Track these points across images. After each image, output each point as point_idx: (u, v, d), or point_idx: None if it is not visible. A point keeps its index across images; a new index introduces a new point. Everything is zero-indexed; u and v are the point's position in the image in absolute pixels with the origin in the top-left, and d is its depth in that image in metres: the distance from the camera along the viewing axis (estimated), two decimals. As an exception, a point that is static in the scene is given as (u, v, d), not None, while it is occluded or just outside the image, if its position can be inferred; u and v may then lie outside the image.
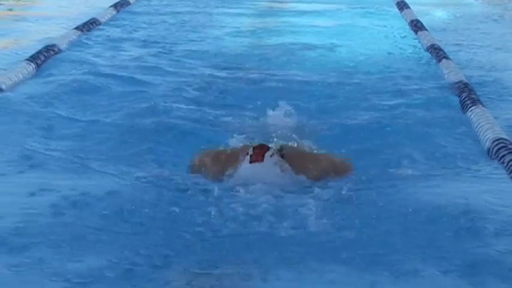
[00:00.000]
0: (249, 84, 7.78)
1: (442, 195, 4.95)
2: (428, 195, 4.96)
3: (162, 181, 5.14)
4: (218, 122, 6.52)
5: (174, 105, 6.91)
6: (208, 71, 8.25)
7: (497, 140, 5.88)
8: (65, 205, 4.73)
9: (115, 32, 10.37)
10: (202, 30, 10.60)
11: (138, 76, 7.95)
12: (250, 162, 5.07)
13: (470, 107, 6.86)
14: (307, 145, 5.69)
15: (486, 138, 6.04)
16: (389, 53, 9.35)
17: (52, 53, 8.81)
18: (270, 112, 6.54)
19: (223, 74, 8.17)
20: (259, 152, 5.08)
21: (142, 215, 4.61)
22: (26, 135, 6.07)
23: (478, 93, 7.31)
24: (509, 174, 5.38)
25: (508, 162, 5.49)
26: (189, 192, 4.95)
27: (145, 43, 9.66)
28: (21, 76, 7.84)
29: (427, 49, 9.30)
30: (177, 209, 4.68)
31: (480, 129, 6.29)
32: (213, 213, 4.62)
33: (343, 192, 4.95)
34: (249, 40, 10.03)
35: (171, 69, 8.34)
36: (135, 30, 10.53)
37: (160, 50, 9.29)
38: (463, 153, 5.84)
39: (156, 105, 6.81)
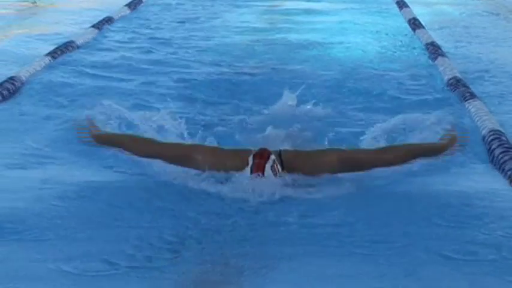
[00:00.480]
0: (254, 80, 7.76)
1: (443, 188, 4.96)
2: (428, 187, 4.96)
3: (166, 175, 5.07)
4: (222, 117, 6.48)
5: (181, 100, 6.93)
6: (214, 68, 8.22)
7: (492, 131, 5.91)
8: (75, 196, 4.74)
9: (128, 30, 10.37)
10: (209, 29, 10.55)
11: (148, 73, 7.95)
12: (251, 173, 4.78)
13: (466, 100, 6.87)
14: (308, 146, 5.46)
15: (483, 128, 6.09)
16: (388, 50, 9.31)
17: (70, 49, 8.85)
18: (275, 108, 6.51)
19: (229, 70, 8.15)
20: (259, 163, 4.76)
21: (145, 208, 4.61)
22: (42, 127, 6.10)
23: (474, 88, 7.27)
24: (499, 167, 5.39)
25: (499, 155, 5.49)
26: (192, 186, 4.89)
27: (156, 41, 9.62)
28: (40, 69, 7.89)
29: (424, 46, 9.26)
30: (181, 203, 4.67)
31: (477, 120, 6.33)
32: (216, 206, 4.61)
33: (346, 188, 4.90)
34: (254, 38, 9.98)
35: (179, 66, 8.32)
36: (147, 28, 10.51)
37: (169, 47, 9.27)
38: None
39: (165, 101, 6.82)
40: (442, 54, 8.69)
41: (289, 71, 8.15)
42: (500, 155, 5.45)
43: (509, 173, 5.19)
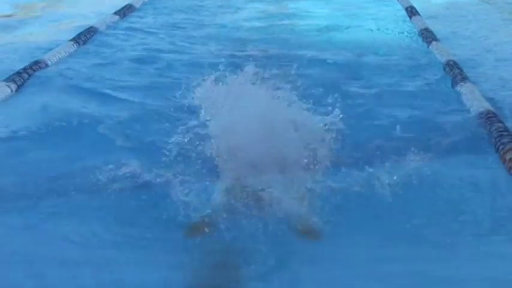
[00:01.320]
0: (261, 63, 7.68)
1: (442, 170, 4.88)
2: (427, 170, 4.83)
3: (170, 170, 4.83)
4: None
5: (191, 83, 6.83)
6: (226, 52, 8.11)
7: (483, 112, 5.87)
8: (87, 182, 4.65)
9: (146, 17, 10.32)
10: (221, 16, 10.46)
11: (161, 59, 7.82)
12: None
13: (459, 82, 6.80)
14: None
15: (474, 108, 6.07)
16: (387, 36, 9.22)
17: (93, 34, 8.81)
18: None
19: (238, 54, 8.03)
20: None
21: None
22: (64, 107, 6.02)
23: (468, 71, 7.18)
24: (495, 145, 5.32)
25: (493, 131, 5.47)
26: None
27: (171, 28, 9.54)
28: (64, 54, 7.83)
29: (420, 32, 9.17)
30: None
31: (468, 101, 6.29)
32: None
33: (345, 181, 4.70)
34: (262, 24, 9.91)
35: (190, 50, 8.26)
36: (162, 16, 10.44)
37: (182, 33, 9.22)
38: (451, 122, 5.75)
39: (179, 81, 6.70)
40: (436, 39, 8.60)
41: (291, 56, 7.95)
42: (494, 134, 5.40)
43: (502, 146, 5.17)
